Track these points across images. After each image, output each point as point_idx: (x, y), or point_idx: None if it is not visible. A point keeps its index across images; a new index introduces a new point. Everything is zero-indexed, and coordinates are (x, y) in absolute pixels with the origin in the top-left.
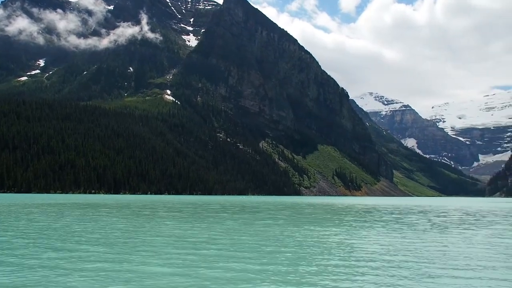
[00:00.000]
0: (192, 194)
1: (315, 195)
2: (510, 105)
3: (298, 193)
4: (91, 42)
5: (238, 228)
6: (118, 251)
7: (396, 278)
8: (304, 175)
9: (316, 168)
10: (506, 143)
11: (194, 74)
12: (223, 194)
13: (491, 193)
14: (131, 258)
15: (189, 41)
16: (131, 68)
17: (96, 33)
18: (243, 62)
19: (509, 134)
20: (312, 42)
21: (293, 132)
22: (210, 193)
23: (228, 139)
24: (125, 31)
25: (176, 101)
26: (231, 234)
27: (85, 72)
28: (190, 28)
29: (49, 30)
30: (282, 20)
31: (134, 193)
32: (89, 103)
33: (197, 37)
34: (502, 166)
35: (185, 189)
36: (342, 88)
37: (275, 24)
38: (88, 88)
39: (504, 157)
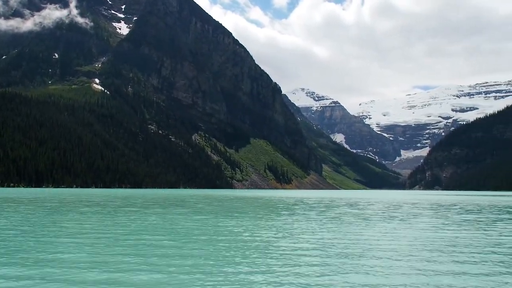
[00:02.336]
0: (121, 187)
1: (247, 188)
2: (429, 104)
3: (230, 186)
4: (12, 23)
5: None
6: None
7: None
8: (237, 168)
9: (249, 161)
10: (425, 139)
11: (124, 63)
12: (153, 187)
13: (411, 186)
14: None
15: (120, 28)
16: (56, 54)
17: (18, 14)
18: (176, 53)
19: (427, 131)
20: (244, 36)
21: (226, 126)
22: (140, 186)
23: (160, 131)
24: (52, 14)
25: (105, 90)
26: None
27: (4, 57)
28: (122, 16)
29: None
30: (215, 12)
31: (58, 187)
32: (8, 89)
33: (128, 25)
34: (421, 161)
35: (113, 182)
36: (275, 83)
37: (210, 16)
38: (7, 73)
39: (423, 152)
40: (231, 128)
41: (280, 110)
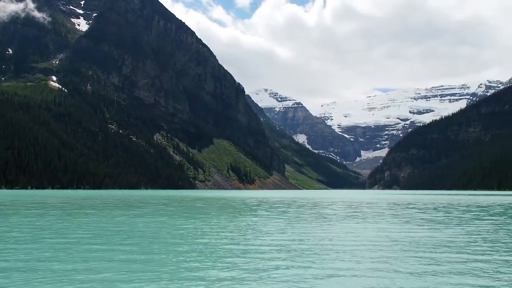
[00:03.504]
0: (80, 188)
1: (210, 188)
2: (388, 106)
3: (193, 186)
4: None
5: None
6: None
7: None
8: (199, 169)
9: (212, 162)
10: (384, 140)
11: (83, 60)
12: (113, 188)
13: (370, 186)
14: None
15: (79, 24)
16: (10, 50)
17: None
18: (138, 51)
19: (386, 132)
20: (207, 35)
21: (188, 125)
22: (99, 187)
23: (121, 131)
24: (6, 7)
25: (63, 88)
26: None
27: None
28: (81, 11)
29: None
30: (177, 10)
31: (11, 188)
32: None
33: (88, 21)
34: (380, 161)
35: (71, 183)
36: (239, 83)
37: (172, 14)
38: None
39: (382, 153)
40: (194, 128)
41: (244, 111)
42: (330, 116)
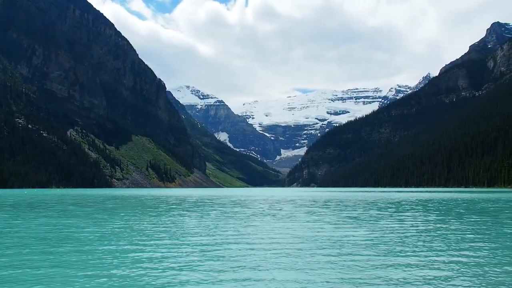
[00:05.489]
0: None
1: (128, 187)
2: (307, 106)
3: (109, 185)
4: None
5: None
6: None
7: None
8: (117, 167)
9: (130, 159)
10: (303, 139)
11: None
12: (21, 187)
13: (289, 184)
14: None
15: None
16: None
17: None
18: (50, 41)
19: (305, 132)
20: (125, 27)
21: (105, 121)
22: (5, 186)
23: (30, 126)
24: None
25: None
26: None
27: None
28: None
29: None
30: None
31: None
32: None
33: None
34: (299, 160)
35: None
36: (160, 79)
37: (90, 4)
38: None
39: (301, 152)
40: (111, 124)
41: (164, 107)
42: (252, 115)
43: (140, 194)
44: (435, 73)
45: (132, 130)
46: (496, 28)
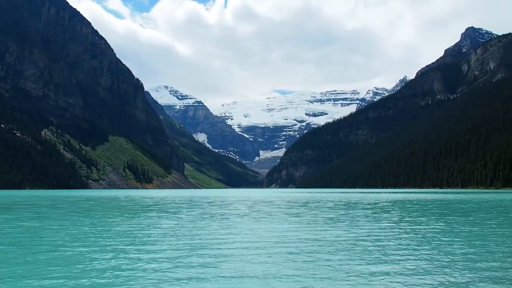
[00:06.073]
0: None
1: (104, 188)
2: (286, 108)
3: (85, 186)
4: None
5: None
6: None
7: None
8: (93, 167)
9: (107, 160)
10: (281, 141)
11: None
12: None
13: (268, 184)
14: None
15: None
16: None
17: None
18: (24, 39)
19: (284, 133)
20: (102, 26)
21: (81, 121)
22: None
23: (2, 125)
24: None
25: None
26: None
27: None
28: None
29: None
30: None
31: None
32: None
33: None
34: (278, 161)
35: None
36: (138, 79)
37: (66, 1)
38: None
39: (280, 153)
40: (88, 124)
41: (142, 107)
42: (231, 116)
43: (117, 195)
44: (411, 76)
45: (109, 130)
46: (471, 33)
